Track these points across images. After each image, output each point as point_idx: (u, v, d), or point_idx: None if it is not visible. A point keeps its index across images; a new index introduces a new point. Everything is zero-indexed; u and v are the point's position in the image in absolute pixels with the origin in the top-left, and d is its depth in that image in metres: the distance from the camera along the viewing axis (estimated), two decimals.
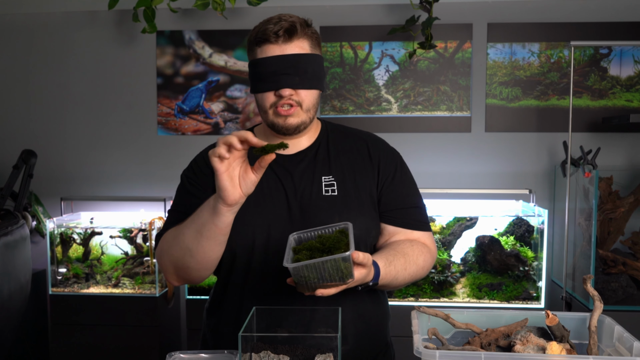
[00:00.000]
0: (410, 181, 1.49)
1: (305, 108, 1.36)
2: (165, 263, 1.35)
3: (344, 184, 1.40)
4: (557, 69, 2.99)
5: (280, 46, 1.31)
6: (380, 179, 1.44)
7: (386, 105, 3.08)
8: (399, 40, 3.04)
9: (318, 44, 1.39)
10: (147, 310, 2.84)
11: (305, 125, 1.39)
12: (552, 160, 3.03)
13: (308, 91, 1.35)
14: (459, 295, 2.77)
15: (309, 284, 1.12)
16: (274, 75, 1.31)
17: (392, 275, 1.29)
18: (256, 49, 1.34)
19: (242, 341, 1.06)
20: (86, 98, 3.23)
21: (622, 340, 1.12)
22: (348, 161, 1.44)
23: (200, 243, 1.24)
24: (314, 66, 1.35)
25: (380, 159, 1.45)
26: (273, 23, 1.32)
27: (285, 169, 1.41)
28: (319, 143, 1.46)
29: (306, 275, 1.10)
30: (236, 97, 3.14)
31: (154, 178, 3.21)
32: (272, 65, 1.31)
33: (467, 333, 1.23)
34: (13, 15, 3.21)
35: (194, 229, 1.25)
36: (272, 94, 1.34)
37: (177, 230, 1.32)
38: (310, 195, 1.38)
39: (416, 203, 1.46)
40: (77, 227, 3.02)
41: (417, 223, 1.44)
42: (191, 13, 3.11)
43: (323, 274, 1.10)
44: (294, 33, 1.32)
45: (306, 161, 1.42)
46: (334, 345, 1.09)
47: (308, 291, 1.14)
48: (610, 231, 2.73)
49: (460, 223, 2.82)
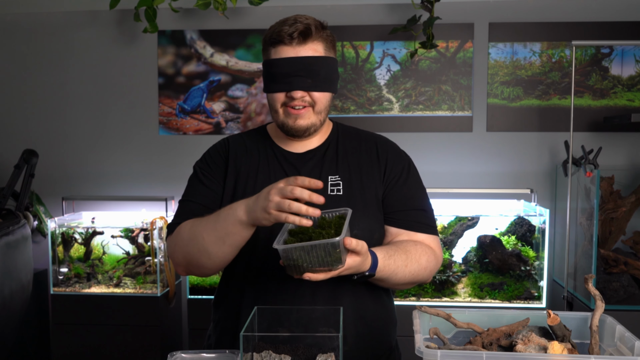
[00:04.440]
0: (417, 184, 1.48)
1: (317, 110, 1.37)
2: (178, 257, 1.36)
3: (350, 184, 1.41)
4: (558, 69, 2.99)
5: (294, 48, 1.32)
6: (386, 180, 1.44)
7: (387, 105, 3.08)
8: (400, 40, 3.04)
9: (333, 46, 1.39)
10: (148, 310, 2.84)
11: (316, 128, 1.39)
12: (553, 159, 3.03)
13: (321, 93, 1.35)
14: (461, 294, 2.77)
15: (297, 267, 1.12)
16: (286, 77, 1.32)
17: (391, 269, 1.28)
18: (270, 49, 1.35)
19: (243, 341, 1.07)
20: (87, 98, 3.23)
21: (623, 340, 1.12)
22: (356, 162, 1.44)
23: (221, 249, 1.28)
24: (327, 69, 1.35)
25: (388, 161, 1.45)
26: (288, 24, 1.32)
27: (294, 166, 1.42)
28: (329, 143, 1.46)
29: (295, 258, 1.10)
30: (237, 96, 3.14)
31: (155, 178, 3.21)
32: (285, 66, 1.32)
33: (468, 333, 1.23)
34: (14, 15, 3.21)
35: (215, 236, 1.27)
36: (283, 95, 1.34)
37: (194, 230, 1.33)
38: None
39: (421, 206, 1.45)
40: (78, 227, 3.02)
41: (421, 225, 1.43)
42: (192, 13, 3.12)
43: (312, 258, 1.10)
44: (308, 35, 1.32)
45: (314, 160, 1.43)
46: (335, 345, 1.09)
47: (297, 274, 1.14)
48: (612, 231, 2.73)
49: (461, 223, 2.82)
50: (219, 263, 1.32)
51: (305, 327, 1.23)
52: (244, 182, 1.42)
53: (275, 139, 1.47)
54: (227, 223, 1.24)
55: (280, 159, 1.43)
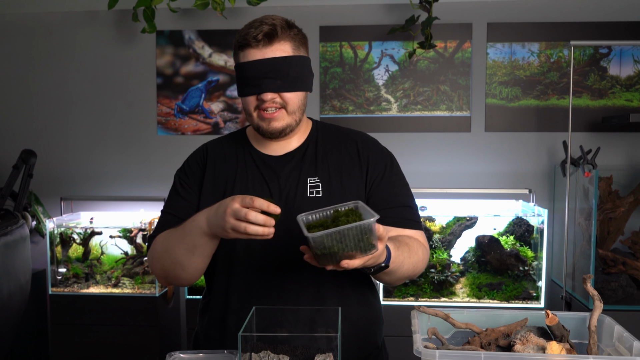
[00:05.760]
0: (401, 181, 1.47)
1: (291, 110, 1.35)
2: (156, 269, 1.39)
3: (329, 185, 1.39)
4: (556, 69, 2.99)
5: (261, 50, 1.31)
6: (369, 179, 1.43)
7: (386, 105, 3.08)
8: (398, 40, 3.04)
9: (303, 44, 1.38)
10: (146, 310, 2.84)
11: (292, 128, 1.38)
12: (551, 159, 3.03)
13: (292, 93, 1.34)
14: (459, 295, 2.77)
15: (332, 255, 1.08)
16: (256, 80, 1.31)
17: (400, 260, 1.27)
18: (239, 53, 1.34)
19: (242, 341, 1.06)
20: (86, 98, 3.23)
21: (622, 340, 1.12)
22: (336, 162, 1.43)
23: (191, 260, 1.29)
24: (297, 68, 1.34)
25: (370, 159, 1.44)
26: (254, 27, 1.31)
27: (272, 170, 1.41)
28: (308, 144, 1.45)
29: (330, 245, 1.06)
30: (236, 97, 3.14)
31: (153, 178, 3.21)
32: (253, 69, 1.31)
33: (467, 333, 1.23)
34: (13, 15, 3.21)
35: (184, 248, 1.28)
36: (254, 98, 1.34)
37: (166, 242, 1.34)
38: (294, 197, 1.37)
39: (407, 202, 1.44)
40: (76, 227, 3.02)
41: (407, 221, 1.42)
42: (191, 13, 3.11)
43: (346, 244, 1.07)
44: (274, 36, 1.31)
45: (293, 162, 1.42)
46: (333, 345, 1.09)
47: (331, 263, 1.10)
48: (610, 231, 2.73)
49: (460, 223, 2.82)
50: (194, 273, 1.34)
51: (304, 328, 1.23)
52: (223, 189, 1.41)
53: (253, 142, 1.46)
54: (192, 235, 1.26)
55: (259, 163, 1.42)
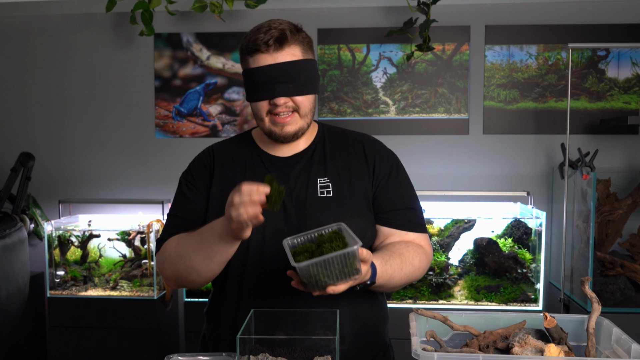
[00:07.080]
0: (406, 183, 1.49)
1: (303, 113, 1.37)
2: (168, 273, 1.38)
3: (339, 185, 1.41)
4: (554, 71, 3.00)
5: (272, 55, 1.32)
6: (375, 180, 1.44)
7: (384, 108, 3.08)
8: (396, 43, 3.04)
9: (310, 47, 1.39)
10: (145, 313, 2.84)
11: (303, 131, 1.40)
12: (550, 162, 3.03)
13: (304, 97, 1.35)
14: (457, 297, 2.77)
15: (318, 282, 1.11)
16: (267, 84, 1.32)
17: (388, 274, 1.29)
18: (248, 58, 1.35)
19: (240, 343, 1.06)
20: (84, 101, 3.23)
21: (620, 342, 1.12)
22: (344, 163, 1.44)
23: (209, 266, 1.30)
24: (307, 71, 1.35)
25: (376, 161, 1.46)
26: (263, 32, 1.32)
27: (281, 171, 1.42)
28: (315, 145, 1.46)
29: (315, 273, 1.09)
30: (234, 99, 3.14)
31: (151, 180, 3.21)
32: (265, 74, 1.32)
33: (465, 335, 1.23)
34: (10, 18, 3.21)
35: (202, 255, 1.29)
36: (267, 102, 1.34)
37: (180, 249, 1.34)
38: (305, 197, 1.39)
39: (411, 205, 1.46)
40: (75, 230, 3.01)
41: (411, 224, 1.44)
42: (189, 16, 3.12)
43: (331, 271, 1.09)
44: (284, 41, 1.32)
45: (302, 163, 1.43)
46: (332, 347, 1.09)
47: (318, 290, 1.13)
48: (608, 233, 2.74)
49: (458, 225, 2.82)
50: (209, 278, 1.35)
51: (302, 330, 1.23)
52: (231, 190, 1.42)
53: (260, 144, 1.47)
54: (211, 243, 1.26)
55: (267, 164, 1.43)
